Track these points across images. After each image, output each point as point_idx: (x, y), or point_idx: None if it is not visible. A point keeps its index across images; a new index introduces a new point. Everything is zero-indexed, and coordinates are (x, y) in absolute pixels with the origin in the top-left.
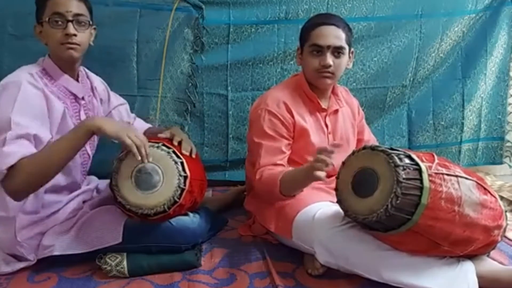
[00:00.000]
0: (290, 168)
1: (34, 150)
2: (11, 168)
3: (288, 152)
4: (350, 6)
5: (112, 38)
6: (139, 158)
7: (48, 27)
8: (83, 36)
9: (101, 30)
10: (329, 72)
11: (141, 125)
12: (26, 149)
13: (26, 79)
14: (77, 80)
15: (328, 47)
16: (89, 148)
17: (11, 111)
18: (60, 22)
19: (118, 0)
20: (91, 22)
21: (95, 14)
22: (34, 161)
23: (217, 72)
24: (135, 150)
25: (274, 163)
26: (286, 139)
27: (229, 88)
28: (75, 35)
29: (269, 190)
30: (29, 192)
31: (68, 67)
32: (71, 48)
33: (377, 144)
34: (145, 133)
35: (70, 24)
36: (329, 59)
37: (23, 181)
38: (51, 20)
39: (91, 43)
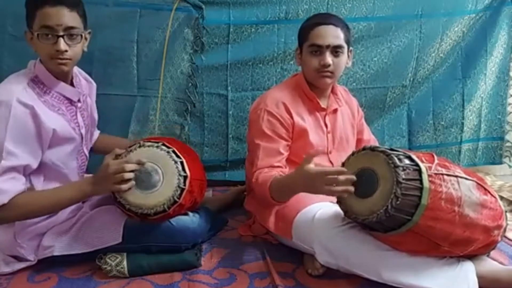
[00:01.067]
0: (280, 174)
1: (24, 185)
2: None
3: (286, 154)
4: (350, 6)
5: (112, 38)
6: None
7: (37, 41)
8: (75, 50)
9: (101, 30)
10: (328, 71)
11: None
12: (17, 186)
13: (16, 97)
14: (72, 83)
15: (327, 46)
16: (86, 149)
17: (4, 137)
18: (50, 36)
19: (118, 0)
20: (83, 33)
21: (95, 14)
22: (27, 202)
23: (217, 72)
24: (124, 188)
25: (272, 165)
26: (285, 140)
27: (229, 88)
28: (66, 51)
29: (263, 194)
30: (15, 221)
31: (61, 75)
32: (62, 64)
33: (377, 144)
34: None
35: (60, 39)
36: (328, 59)
37: (11, 217)
38: (40, 34)
39: (85, 49)
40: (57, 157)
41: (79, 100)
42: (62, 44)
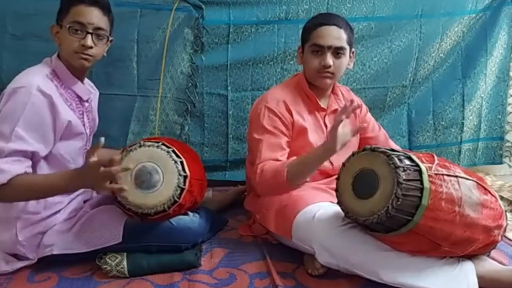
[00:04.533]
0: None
1: (27, 168)
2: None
3: (287, 150)
4: (350, 6)
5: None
6: (126, 187)
7: (67, 34)
8: (99, 49)
9: None
10: (329, 72)
11: None
12: (20, 169)
13: (37, 86)
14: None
15: (329, 47)
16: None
17: (17, 121)
18: (79, 32)
19: (118, 0)
20: (109, 37)
21: None
22: (23, 184)
23: (217, 72)
24: (116, 187)
25: (276, 158)
26: (286, 136)
27: (229, 88)
28: (91, 47)
29: (273, 181)
30: (12, 202)
31: (78, 72)
32: (85, 59)
33: (388, 139)
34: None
35: (89, 36)
36: (329, 60)
37: (9, 196)
38: (72, 28)
39: (105, 54)
40: (66, 151)
41: (87, 101)
42: (89, 41)
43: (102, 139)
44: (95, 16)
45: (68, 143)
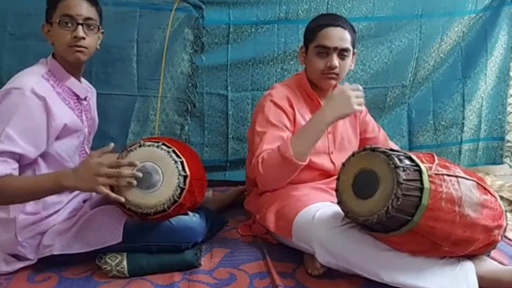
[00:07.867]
0: None
1: (13, 171)
2: None
3: None
4: (350, 6)
5: (112, 38)
6: (122, 200)
7: (58, 28)
8: (91, 40)
9: None
10: (334, 73)
11: None
12: (4, 169)
13: (31, 88)
14: (80, 82)
15: (335, 48)
16: (87, 148)
17: (8, 122)
18: (70, 24)
19: (118, 0)
20: (100, 27)
21: None
22: (9, 186)
23: (217, 72)
24: (113, 196)
25: None
26: (289, 130)
27: (229, 88)
28: (83, 38)
29: (277, 164)
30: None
31: (74, 69)
32: (79, 51)
33: (387, 139)
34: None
35: (79, 27)
36: (335, 61)
37: None
38: (61, 21)
39: (98, 47)
40: (64, 149)
41: (85, 99)
42: (81, 31)
43: (112, 144)
44: (83, 7)
45: (66, 141)
